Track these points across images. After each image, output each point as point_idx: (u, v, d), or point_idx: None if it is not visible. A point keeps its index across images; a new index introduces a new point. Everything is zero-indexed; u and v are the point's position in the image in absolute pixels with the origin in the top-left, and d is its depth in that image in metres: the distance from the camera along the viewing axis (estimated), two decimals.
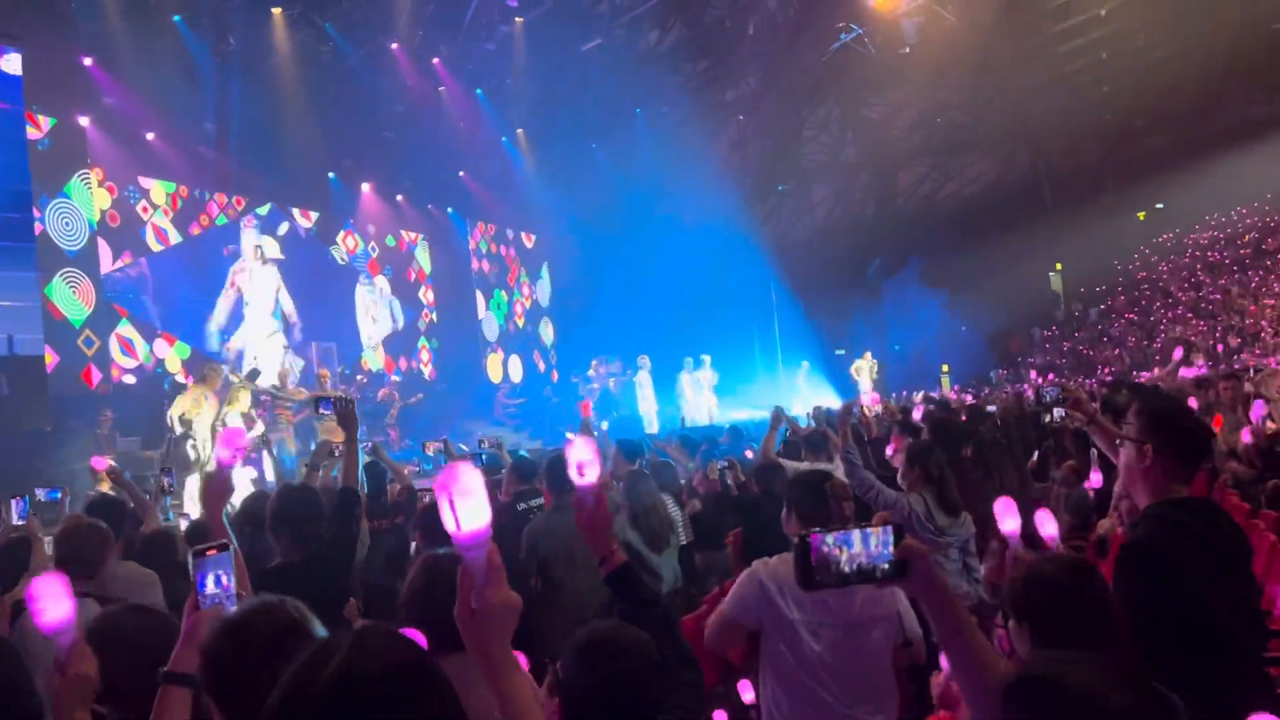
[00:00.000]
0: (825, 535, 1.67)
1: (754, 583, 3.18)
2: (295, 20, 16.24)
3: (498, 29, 19.01)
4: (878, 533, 1.69)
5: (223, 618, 1.85)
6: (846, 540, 1.67)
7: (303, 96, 16.28)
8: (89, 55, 13.76)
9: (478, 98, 19.79)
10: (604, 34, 20.42)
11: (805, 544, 1.66)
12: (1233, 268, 28.06)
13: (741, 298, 24.02)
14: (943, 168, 34.02)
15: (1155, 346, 25.41)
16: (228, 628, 1.79)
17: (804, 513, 3.35)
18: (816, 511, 3.31)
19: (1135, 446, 2.69)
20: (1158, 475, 2.64)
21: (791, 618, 3.11)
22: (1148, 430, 2.68)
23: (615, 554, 2.18)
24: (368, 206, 19.49)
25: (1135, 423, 2.73)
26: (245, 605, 1.86)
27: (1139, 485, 2.70)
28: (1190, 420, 2.82)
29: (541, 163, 21.86)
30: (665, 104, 23.51)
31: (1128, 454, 2.73)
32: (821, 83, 26.55)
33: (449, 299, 21.45)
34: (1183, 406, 2.99)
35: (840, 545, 1.67)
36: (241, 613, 1.83)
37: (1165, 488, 2.63)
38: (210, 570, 2.16)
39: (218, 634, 1.79)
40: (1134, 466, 2.69)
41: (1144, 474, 2.66)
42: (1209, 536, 2.51)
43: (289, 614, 1.82)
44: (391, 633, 1.26)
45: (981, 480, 6.50)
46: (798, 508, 3.39)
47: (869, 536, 1.68)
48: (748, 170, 27.93)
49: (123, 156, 14.72)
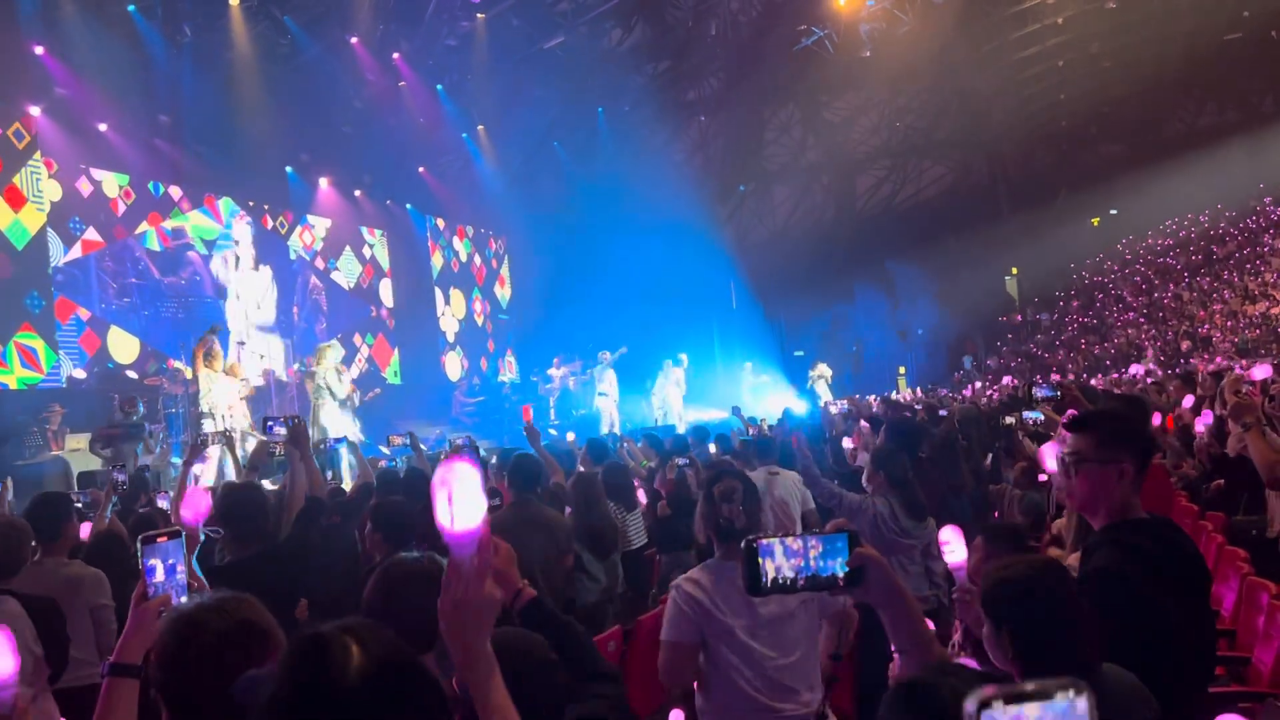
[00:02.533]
0: (774, 540, 1.62)
1: (685, 599, 3.13)
2: (253, 12, 16.02)
3: (459, 25, 18.90)
4: (830, 539, 1.64)
5: (174, 614, 1.79)
6: (797, 546, 1.62)
7: (260, 89, 16.05)
8: (40, 44, 13.48)
9: (438, 93, 19.65)
10: (566, 32, 20.37)
11: (752, 549, 1.61)
12: (1184, 273, 28.58)
13: (702, 297, 24.08)
14: (901, 171, 34.38)
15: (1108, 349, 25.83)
16: (177, 624, 1.73)
17: (703, 510, 3.31)
18: (709, 511, 3.25)
19: (1110, 467, 2.47)
20: (1126, 493, 2.48)
21: (731, 624, 3.08)
22: (1121, 446, 2.50)
23: (525, 590, 2.20)
24: (325, 201, 19.28)
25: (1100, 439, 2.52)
26: (198, 602, 1.80)
27: (1102, 507, 2.50)
28: (1146, 425, 2.71)
29: (502, 160, 21.76)
30: (627, 103, 23.50)
31: (1096, 475, 2.49)
32: (783, 85, 26.70)
33: (407, 296, 21.29)
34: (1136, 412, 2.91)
35: (789, 551, 1.62)
36: (193, 609, 1.76)
37: (1126, 505, 2.48)
38: (160, 557, 2.10)
39: (166, 631, 1.74)
40: (1102, 489, 2.49)
41: (1112, 494, 2.48)
42: (1168, 560, 2.41)
43: (243, 612, 1.77)
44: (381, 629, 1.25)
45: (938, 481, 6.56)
46: (700, 506, 3.34)
47: (821, 542, 1.63)
48: (709, 171, 28.02)
49: (74, 148, 14.44)
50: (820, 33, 22.06)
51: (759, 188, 32.67)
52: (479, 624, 1.42)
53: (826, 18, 21.48)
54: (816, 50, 22.98)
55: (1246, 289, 25.29)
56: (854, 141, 33.29)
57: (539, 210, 23.24)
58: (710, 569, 3.20)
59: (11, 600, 3.62)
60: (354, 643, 1.17)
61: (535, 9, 19.52)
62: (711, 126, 27.74)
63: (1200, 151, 29.04)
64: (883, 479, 4.74)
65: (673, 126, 25.76)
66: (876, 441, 6.24)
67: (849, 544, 1.64)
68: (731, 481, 3.27)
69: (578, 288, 21.88)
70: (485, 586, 1.42)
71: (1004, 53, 28.10)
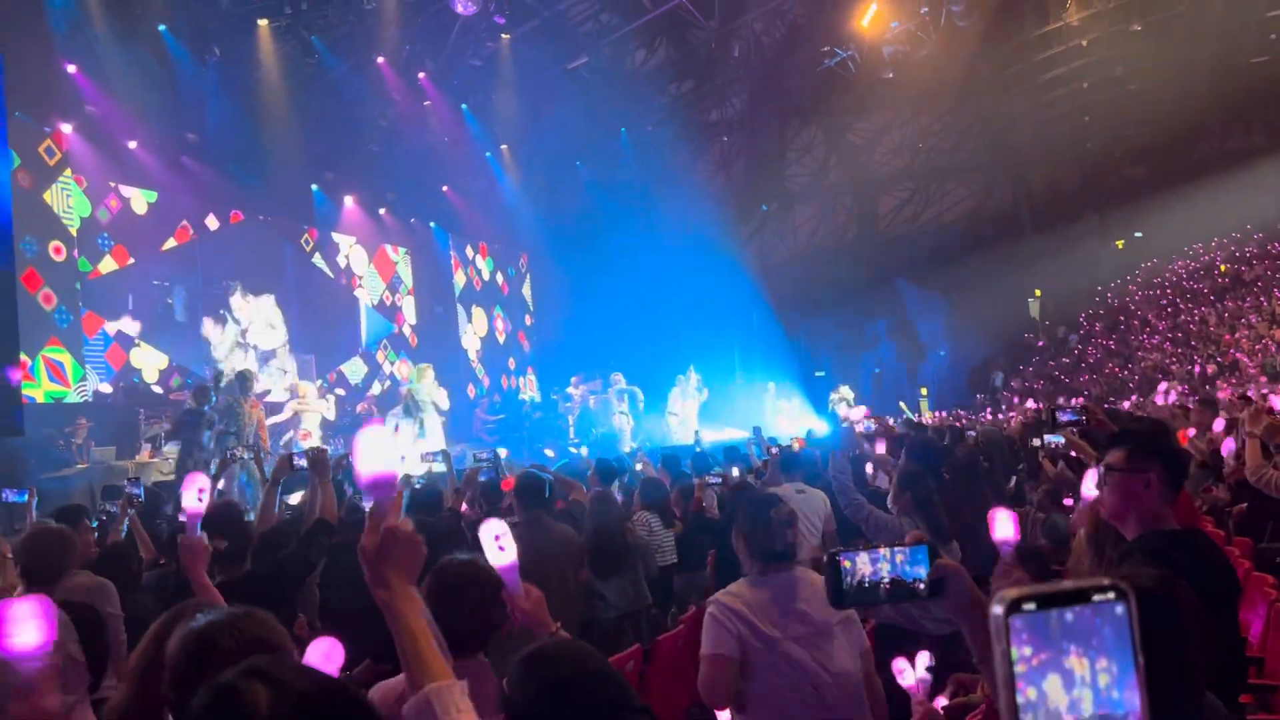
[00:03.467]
0: (855, 554, 1.65)
1: (724, 612, 3.11)
2: (281, 32, 16.22)
3: (484, 45, 19.06)
4: (910, 551, 1.66)
5: (187, 632, 1.80)
6: (878, 559, 1.65)
7: (287, 108, 16.23)
8: (72, 62, 13.67)
9: (463, 113, 19.81)
10: (590, 52, 20.50)
11: (835, 562, 1.64)
12: (1210, 297, 28.34)
13: (723, 316, 24.07)
14: (924, 193, 34.29)
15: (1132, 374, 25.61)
16: (190, 644, 1.76)
17: (748, 534, 3.26)
18: (759, 535, 3.22)
19: (1136, 476, 2.63)
20: (1154, 502, 2.61)
21: (774, 635, 3.07)
22: (1148, 458, 2.65)
23: (558, 634, 2.23)
24: (350, 219, 19.42)
25: (1130, 452, 2.68)
26: (210, 619, 1.82)
27: (1131, 515, 2.65)
28: (1177, 444, 2.83)
29: (525, 178, 21.88)
30: (650, 123, 23.60)
31: (1125, 484, 2.65)
32: (805, 106, 26.74)
33: (430, 313, 21.39)
34: (1167, 430, 2.99)
35: (871, 563, 1.65)
36: (205, 626, 1.79)
37: (1157, 515, 2.61)
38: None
39: (180, 651, 1.76)
40: (1131, 497, 2.64)
41: (1141, 503, 2.62)
42: (1199, 572, 2.41)
43: (255, 629, 1.79)
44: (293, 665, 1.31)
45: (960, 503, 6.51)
46: (743, 530, 3.29)
47: (901, 554, 1.66)
48: (731, 190, 28.05)
49: (104, 164, 14.62)
50: (843, 54, 22.09)
51: (781, 208, 32.67)
52: (400, 561, 1.53)
53: (850, 39, 21.52)
54: (839, 71, 23.02)
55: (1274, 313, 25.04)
56: (877, 162, 33.27)
57: (561, 229, 23.33)
58: (751, 584, 3.19)
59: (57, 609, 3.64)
60: (262, 685, 1.17)
61: (560, 29, 19.67)
62: (734, 146, 27.79)
63: (1227, 174, 28.84)
64: (908, 499, 4.70)
65: (695, 146, 25.83)
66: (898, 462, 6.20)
67: (929, 555, 1.67)
68: (788, 507, 3.29)
69: (599, 306, 21.92)
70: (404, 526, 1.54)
71: (1028, 75, 28.04)
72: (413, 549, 1.55)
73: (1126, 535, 2.67)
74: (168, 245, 15.65)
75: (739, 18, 21.17)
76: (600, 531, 5.58)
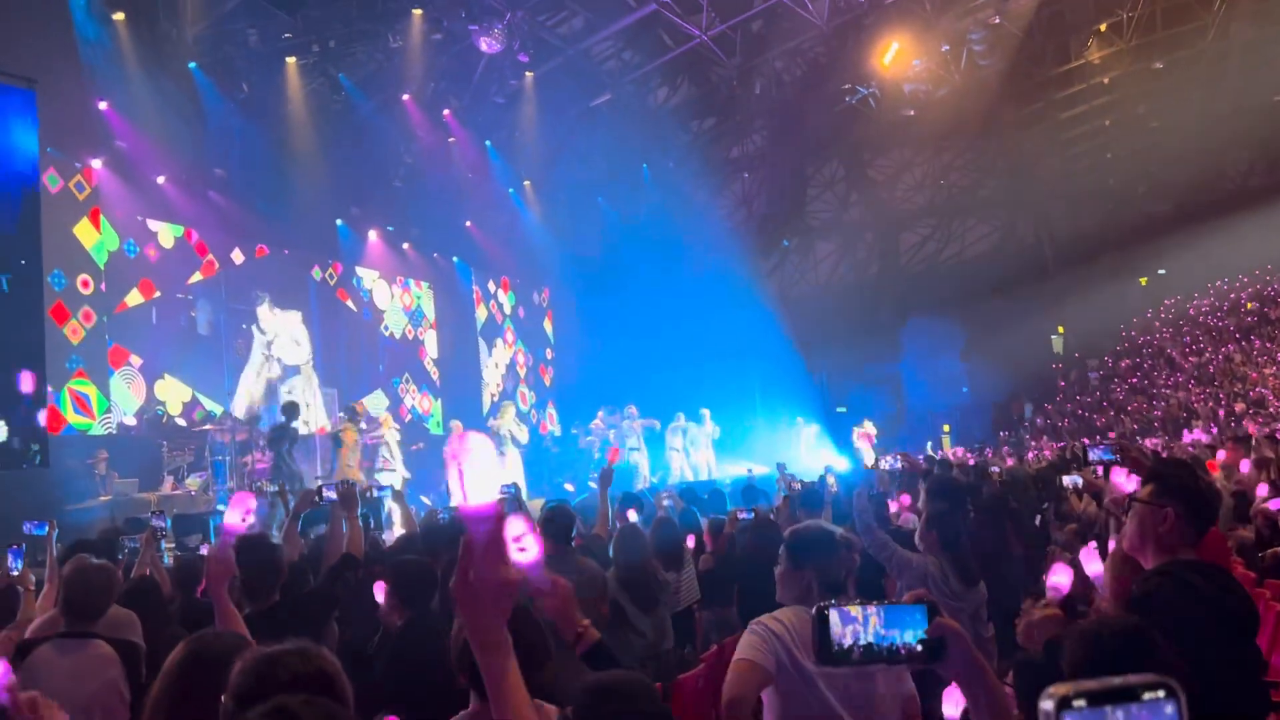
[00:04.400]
0: (847, 608, 1.53)
1: (766, 630, 2.99)
2: (309, 69, 16.45)
3: (508, 83, 19.26)
4: (908, 609, 1.55)
5: (255, 653, 1.81)
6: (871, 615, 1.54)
7: (313, 144, 16.43)
8: (104, 99, 13.89)
9: (486, 149, 19.98)
10: (613, 90, 20.67)
11: (824, 616, 1.53)
12: (1235, 334, 28.11)
13: (744, 352, 24.02)
14: (946, 229, 34.26)
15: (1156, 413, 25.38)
16: (258, 663, 1.77)
17: (821, 566, 3.14)
18: (829, 565, 3.13)
19: (1154, 510, 2.71)
20: (1171, 537, 2.67)
21: (810, 669, 2.92)
22: (1168, 493, 2.71)
23: (588, 632, 2.15)
24: (374, 253, 19.58)
25: (1152, 486, 2.76)
26: (282, 646, 1.83)
27: (1150, 547, 2.72)
28: (1204, 483, 2.87)
29: (547, 214, 22.01)
30: (671, 159, 23.72)
31: (1144, 516, 2.74)
32: (826, 143, 26.83)
33: (452, 348, 21.46)
34: (1194, 472, 3.00)
35: (864, 619, 1.54)
36: (276, 651, 1.80)
37: (1174, 548, 2.66)
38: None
39: (245, 667, 1.77)
40: (1149, 529, 2.71)
41: (1158, 536, 2.69)
42: (1219, 600, 2.50)
43: (320, 662, 1.80)
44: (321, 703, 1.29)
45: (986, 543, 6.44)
46: (812, 561, 3.17)
47: (897, 612, 1.55)
48: (752, 226, 28.12)
49: (132, 199, 14.81)
50: (864, 90, 22.19)
51: (802, 243, 32.72)
52: (494, 604, 1.39)
53: (870, 77, 21.62)
54: (860, 108, 23.11)
55: None
56: (898, 199, 33.32)
57: (583, 264, 23.43)
58: (797, 612, 3.06)
59: (101, 644, 3.64)
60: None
61: (583, 68, 19.85)
62: (755, 183, 27.89)
63: (1250, 212, 28.70)
64: (935, 539, 4.63)
65: (717, 182, 25.94)
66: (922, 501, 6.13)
67: (928, 615, 1.57)
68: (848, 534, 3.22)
69: (620, 340, 21.93)
70: (501, 567, 1.38)
71: (1050, 112, 28.07)
72: (509, 591, 1.41)
73: (1146, 566, 2.73)
74: (194, 279, 15.81)
75: (760, 55, 21.32)
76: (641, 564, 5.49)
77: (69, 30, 12.95)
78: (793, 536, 3.34)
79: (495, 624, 1.41)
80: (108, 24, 13.32)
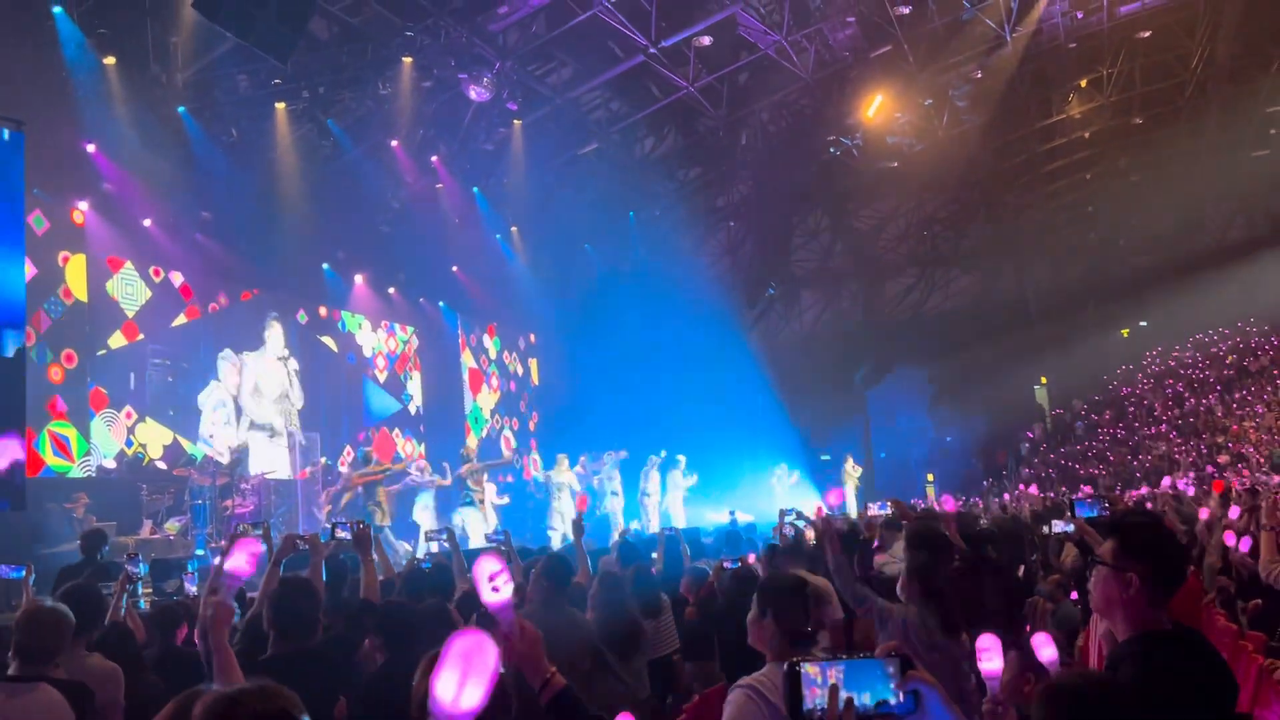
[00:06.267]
0: (819, 664, 1.53)
1: (755, 695, 2.94)
2: (298, 115, 16.54)
3: (496, 130, 19.40)
4: (880, 663, 1.55)
5: (216, 693, 1.81)
6: (844, 669, 1.52)
7: (301, 189, 16.46)
8: (92, 141, 13.91)
9: (474, 195, 20.09)
10: (600, 139, 20.86)
11: (795, 673, 1.52)
12: (1216, 386, 28.31)
13: (728, 399, 24.04)
14: (929, 279, 34.53)
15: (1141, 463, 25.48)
16: (218, 703, 1.76)
17: (783, 619, 3.13)
18: (795, 616, 3.11)
19: (1117, 575, 2.52)
20: (1140, 603, 2.49)
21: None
22: (1131, 557, 2.53)
23: (554, 678, 2.13)
24: (360, 297, 19.59)
25: (1116, 547, 2.57)
26: (242, 686, 1.83)
27: (1118, 613, 2.54)
28: (1171, 544, 2.66)
29: (534, 260, 22.09)
30: (658, 208, 23.91)
31: (1107, 582, 2.55)
32: (811, 192, 27.08)
33: (437, 392, 21.42)
34: (1162, 528, 2.79)
35: (837, 675, 1.52)
36: (237, 691, 1.79)
37: (1146, 616, 2.49)
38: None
39: (208, 708, 1.76)
40: (1115, 595, 2.53)
41: (1125, 603, 2.51)
42: (1193, 674, 2.39)
43: (282, 702, 1.78)
44: None
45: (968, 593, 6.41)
46: (775, 614, 3.14)
47: (871, 667, 1.54)
48: (737, 274, 28.27)
49: (118, 241, 14.78)
50: (848, 142, 22.45)
51: (787, 291, 32.87)
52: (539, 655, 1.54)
53: (854, 128, 21.89)
54: (844, 159, 23.37)
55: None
56: (881, 249, 33.58)
57: (569, 310, 23.49)
58: (773, 668, 3.02)
59: (49, 689, 3.57)
60: None
61: (571, 116, 20.03)
62: (740, 231, 28.09)
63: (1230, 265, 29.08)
64: (917, 588, 4.60)
65: (702, 230, 26.13)
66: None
67: (900, 668, 1.56)
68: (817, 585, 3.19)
69: (605, 387, 21.94)
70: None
71: (1032, 165, 28.45)
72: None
73: (1117, 634, 2.56)
74: (178, 321, 15.76)
75: (746, 107, 21.57)
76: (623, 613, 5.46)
77: (58, 72, 12.98)
78: (760, 583, 3.33)
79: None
80: (97, 67, 13.37)
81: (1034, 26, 19.55)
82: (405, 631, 4.00)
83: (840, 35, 19.56)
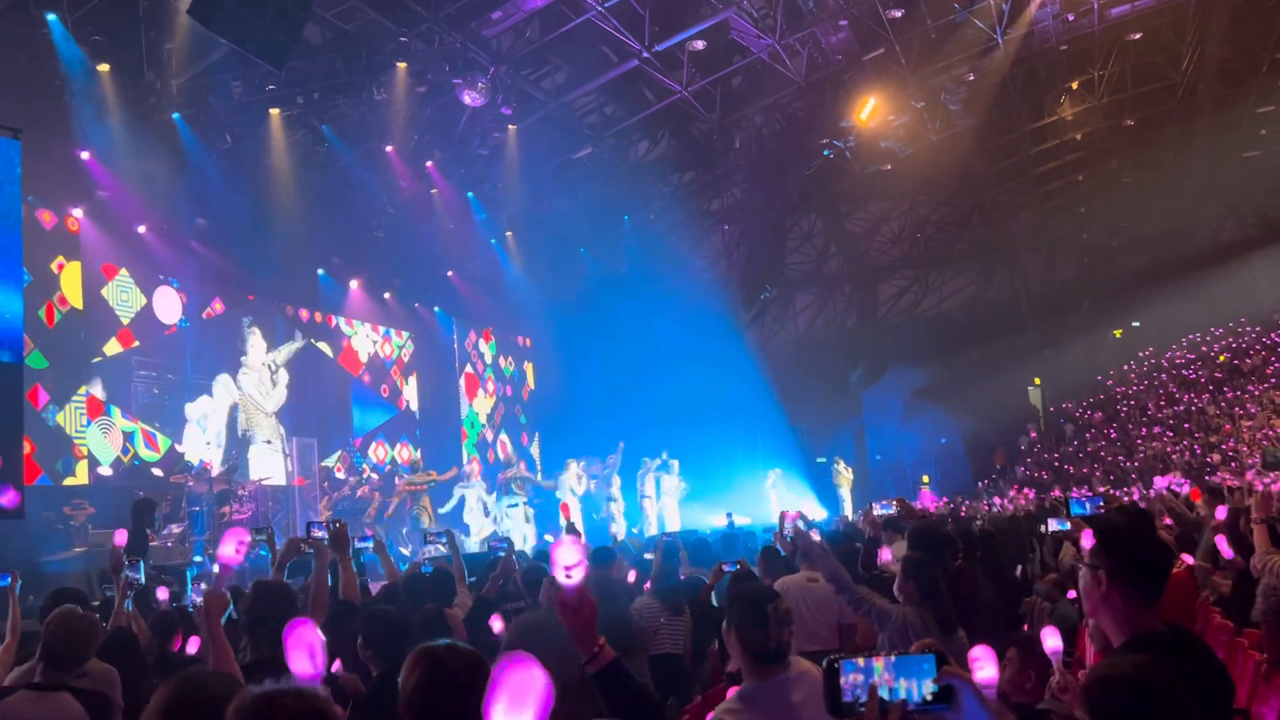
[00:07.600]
0: (857, 660, 1.58)
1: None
2: (293, 121, 16.54)
3: (491, 135, 19.42)
4: (916, 659, 1.59)
5: (255, 692, 1.81)
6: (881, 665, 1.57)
7: (296, 194, 16.46)
8: (86, 149, 13.89)
9: (469, 200, 20.11)
10: (594, 143, 20.88)
11: (834, 669, 1.57)
12: (1208, 386, 28.40)
13: (723, 402, 24.09)
14: (923, 281, 34.60)
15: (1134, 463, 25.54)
16: (258, 702, 1.76)
17: (741, 632, 3.05)
18: (754, 633, 3.01)
19: (1090, 571, 2.46)
20: (1120, 603, 2.41)
21: None
22: (1101, 553, 2.46)
23: (603, 650, 2.15)
24: (355, 303, 19.59)
25: (1095, 545, 2.51)
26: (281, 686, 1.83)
27: (1103, 614, 2.45)
28: (1146, 541, 2.53)
29: (529, 265, 22.12)
30: (652, 211, 23.95)
31: (1085, 580, 2.49)
32: (805, 195, 27.12)
33: (433, 398, 21.43)
34: (1138, 525, 2.68)
35: (873, 671, 1.57)
36: (276, 691, 1.80)
37: (1135, 618, 2.40)
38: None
39: (246, 706, 1.76)
40: (1090, 594, 2.47)
41: (1104, 602, 2.43)
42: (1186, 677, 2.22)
43: (320, 704, 1.80)
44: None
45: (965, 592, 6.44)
46: (736, 627, 3.07)
47: (906, 663, 1.58)
48: (731, 278, 28.31)
49: (112, 248, 14.78)
50: (842, 145, 22.49)
51: (781, 294, 32.90)
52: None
53: (848, 132, 21.93)
54: (838, 161, 23.41)
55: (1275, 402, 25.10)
56: (875, 251, 33.65)
57: (564, 314, 23.51)
58: (747, 697, 2.96)
59: (69, 699, 3.56)
60: None
61: (565, 121, 20.06)
62: (734, 235, 28.13)
63: (1222, 265, 29.18)
64: (913, 588, 4.62)
65: (696, 234, 26.17)
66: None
67: (936, 664, 1.60)
68: (786, 603, 3.08)
69: (600, 390, 21.97)
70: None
71: (1024, 167, 28.51)
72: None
73: (1111, 639, 2.47)
74: (172, 329, 15.75)
75: (740, 110, 21.62)
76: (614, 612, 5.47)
77: (52, 79, 12.98)
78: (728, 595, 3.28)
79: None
80: (92, 74, 13.36)
81: (1025, 29, 19.59)
82: (399, 641, 3.93)
83: (833, 39, 19.60)
